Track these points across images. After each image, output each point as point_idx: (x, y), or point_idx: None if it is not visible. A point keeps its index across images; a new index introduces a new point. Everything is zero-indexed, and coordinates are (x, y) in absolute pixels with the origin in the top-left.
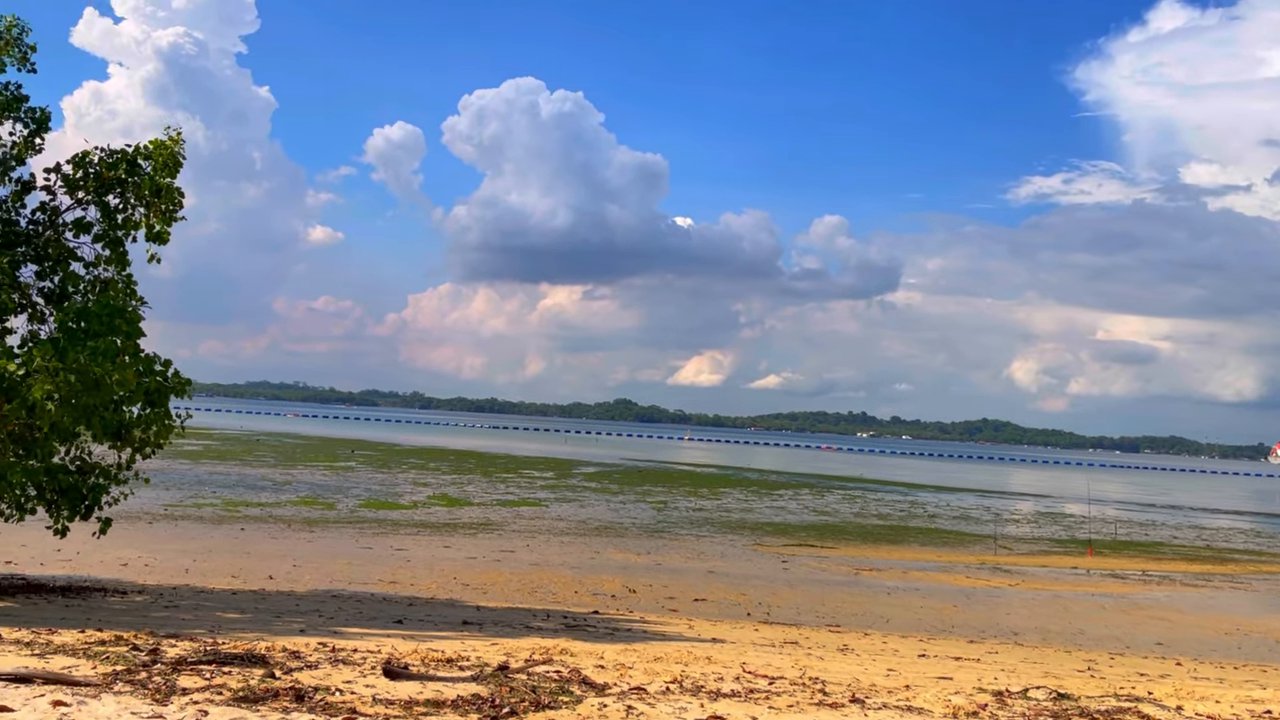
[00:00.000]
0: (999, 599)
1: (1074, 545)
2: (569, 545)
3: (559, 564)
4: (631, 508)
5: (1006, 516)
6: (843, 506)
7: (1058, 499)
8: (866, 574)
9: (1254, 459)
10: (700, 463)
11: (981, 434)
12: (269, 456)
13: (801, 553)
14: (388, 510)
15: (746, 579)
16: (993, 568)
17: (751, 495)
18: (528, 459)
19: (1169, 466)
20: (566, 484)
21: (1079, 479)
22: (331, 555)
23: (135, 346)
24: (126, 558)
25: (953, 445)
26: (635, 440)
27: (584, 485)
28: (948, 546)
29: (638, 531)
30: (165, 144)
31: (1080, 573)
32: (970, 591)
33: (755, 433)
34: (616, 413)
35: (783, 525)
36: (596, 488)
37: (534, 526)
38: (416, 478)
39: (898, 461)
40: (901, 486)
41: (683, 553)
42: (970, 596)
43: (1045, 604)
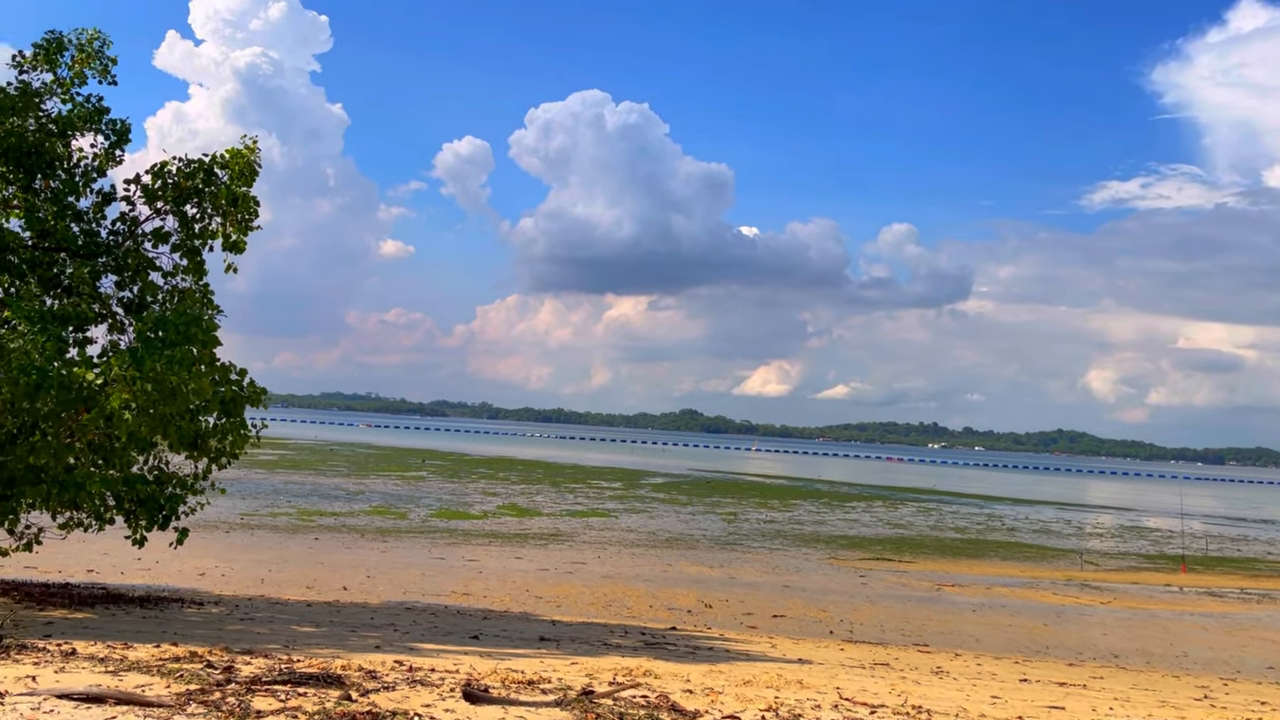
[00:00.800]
0: (1091, 618)
1: (1164, 561)
2: (640, 557)
3: (631, 576)
4: (701, 519)
5: (1089, 530)
6: (917, 519)
7: (1141, 512)
8: (948, 590)
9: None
10: (769, 474)
11: (1057, 445)
12: (342, 466)
13: (879, 567)
14: (459, 520)
15: (824, 594)
16: (1081, 584)
17: (823, 507)
18: (595, 469)
19: (1256, 479)
20: (635, 494)
21: (1163, 492)
22: (404, 566)
23: (211, 356)
24: (204, 567)
25: (1027, 456)
26: (702, 451)
27: (652, 496)
28: (1030, 561)
29: (709, 544)
30: (241, 153)
31: (1174, 590)
32: (1060, 609)
33: (824, 443)
34: (682, 423)
35: (857, 538)
36: (665, 498)
37: (604, 538)
38: (486, 487)
39: (970, 473)
40: (977, 499)
41: (757, 566)
42: (1060, 615)
43: (1142, 624)
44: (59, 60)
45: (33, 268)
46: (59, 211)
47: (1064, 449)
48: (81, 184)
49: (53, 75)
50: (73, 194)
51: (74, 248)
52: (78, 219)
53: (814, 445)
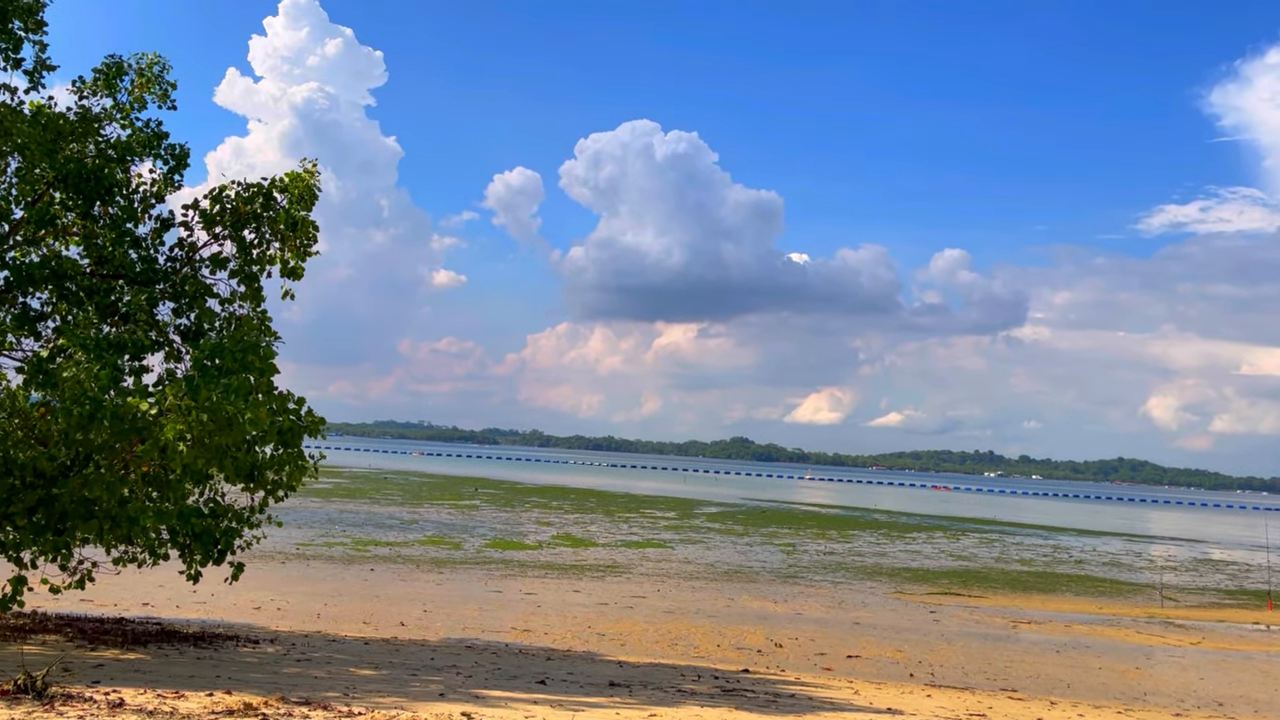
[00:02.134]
0: (1183, 660)
1: (1246, 597)
2: (701, 591)
3: (694, 612)
4: (759, 550)
5: (1162, 563)
6: (981, 550)
7: (1213, 544)
8: (1025, 627)
9: None
10: (823, 503)
11: (1117, 474)
12: (396, 495)
13: (948, 602)
14: (514, 550)
15: (897, 632)
16: (1164, 622)
17: (882, 538)
18: (648, 498)
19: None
20: (690, 524)
21: (1232, 523)
22: (462, 599)
23: (269, 384)
24: (259, 600)
25: (1087, 485)
26: (754, 479)
27: (707, 526)
28: (1105, 596)
29: (769, 576)
30: (301, 176)
31: (1264, 629)
32: (1149, 650)
33: (877, 472)
34: (733, 451)
35: (921, 571)
36: (720, 528)
37: (662, 569)
38: (540, 516)
39: (1029, 502)
40: (1040, 529)
41: (822, 601)
42: (1150, 656)
43: (1239, 667)
44: (119, 85)
45: (90, 295)
46: (117, 238)
47: (1125, 478)
48: (140, 210)
49: (112, 100)
50: (131, 220)
51: (131, 274)
52: (135, 245)
53: (867, 474)
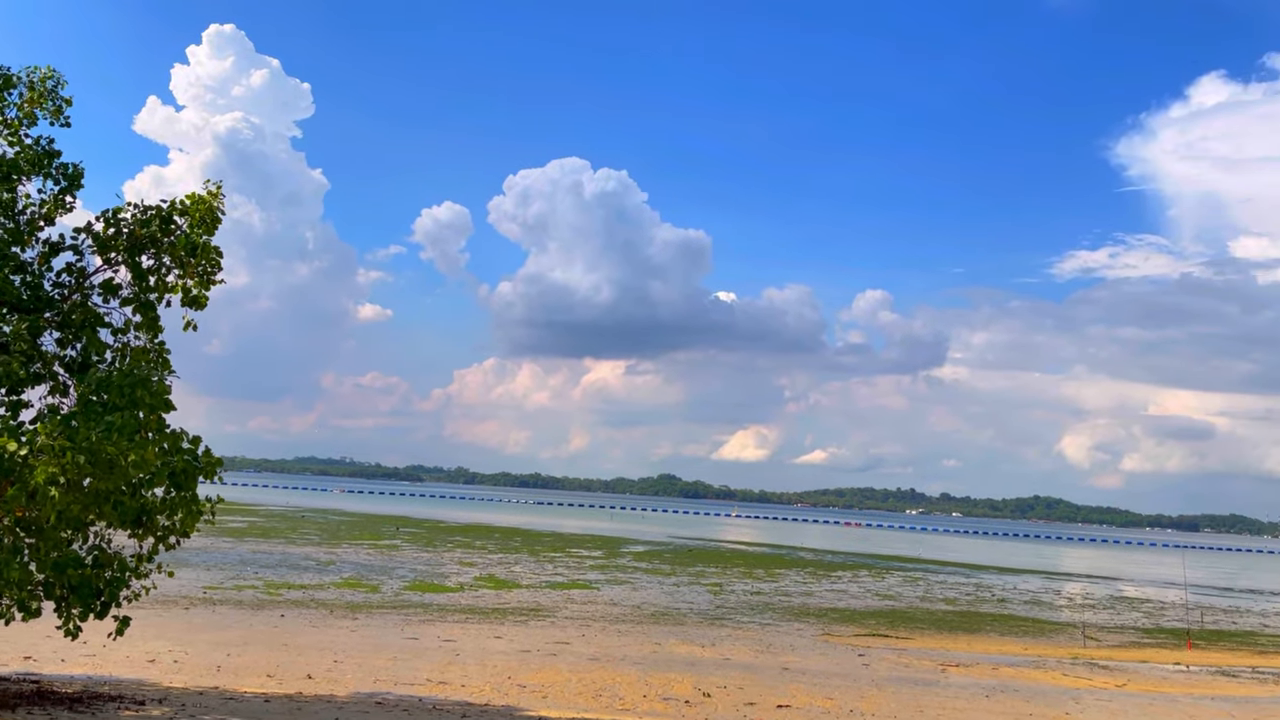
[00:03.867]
0: (1111, 704)
1: (1164, 635)
2: (627, 635)
3: (620, 659)
4: (686, 590)
5: (1081, 601)
6: (906, 589)
7: (1127, 581)
8: (954, 670)
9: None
10: (750, 541)
11: (1034, 511)
12: (314, 534)
13: (876, 644)
14: (434, 593)
15: (827, 678)
16: (1088, 663)
17: (809, 577)
18: (574, 536)
19: (1233, 547)
20: (616, 564)
21: (1144, 559)
22: (375, 648)
23: (160, 421)
24: (155, 651)
25: (1005, 523)
26: (681, 516)
27: (634, 565)
28: (1030, 637)
29: (697, 619)
30: (203, 199)
31: (1185, 670)
32: (1076, 694)
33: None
34: (660, 488)
35: (848, 611)
36: (647, 568)
37: (587, 612)
38: (462, 557)
39: (950, 540)
40: (962, 567)
41: (750, 645)
42: (1079, 701)
43: (1166, 711)
44: (7, 99)
45: None
46: None
47: (1041, 515)
48: (26, 232)
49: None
50: (16, 243)
51: (14, 301)
52: (20, 270)
53: (792, 511)
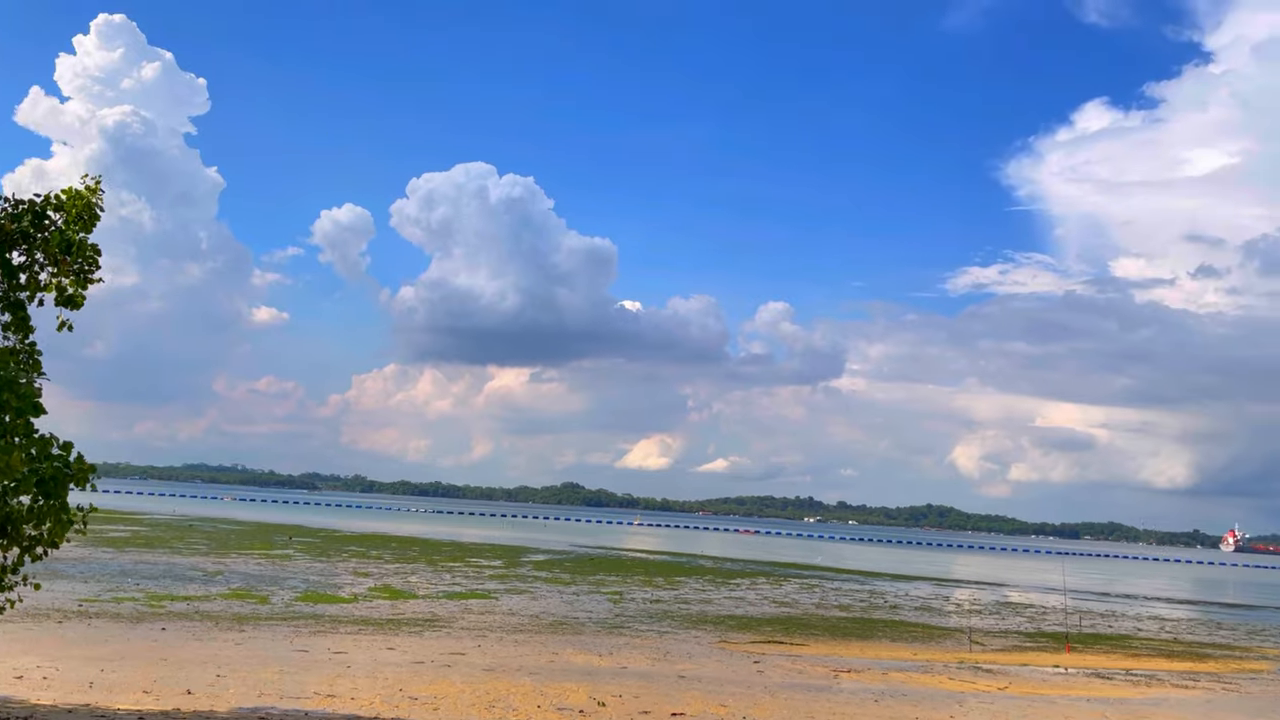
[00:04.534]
0: (993, 706)
1: (1045, 639)
2: (524, 645)
3: (516, 669)
4: (586, 600)
5: (968, 607)
6: (802, 597)
7: (1012, 587)
8: (846, 676)
9: (1189, 545)
10: (651, 549)
11: (926, 519)
12: (201, 544)
13: (771, 651)
14: (326, 604)
15: (722, 685)
16: (973, 667)
17: (708, 584)
18: (474, 546)
19: (1110, 553)
20: (516, 573)
21: (1029, 566)
22: (262, 661)
23: (27, 426)
24: (24, 667)
25: (899, 530)
26: (584, 525)
27: (534, 575)
28: (919, 642)
29: (595, 628)
30: (80, 193)
31: (1062, 672)
32: (960, 698)
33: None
34: (564, 496)
35: (746, 619)
36: (548, 577)
37: (484, 623)
38: (357, 567)
39: (847, 548)
40: (858, 575)
41: (647, 653)
42: (962, 704)
43: (1044, 712)
44: None
45: None
46: None
47: (933, 523)
48: None
49: None
50: None
51: None
52: None
53: (694, 519)
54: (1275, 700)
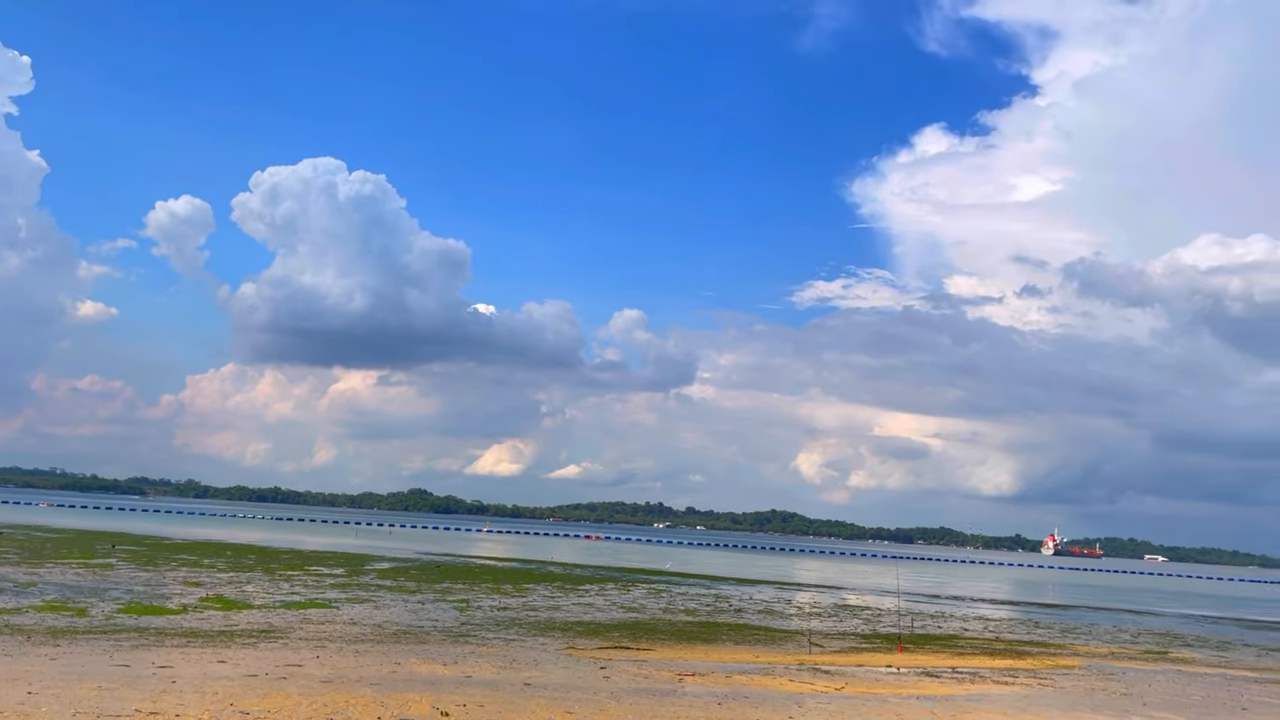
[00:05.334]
0: (829, 706)
1: (879, 640)
2: (365, 655)
3: (356, 680)
4: (431, 608)
5: (809, 610)
6: (650, 602)
7: (850, 590)
8: (690, 680)
9: (1012, 549)
10: (500, 556)
11: (771, 524)
12: (12, 552)
13: (618, 656)
14: (152, 616)
15: (568, 691)
16: (813, 669)
17: (557, 591)
18: (315, 553)
19: (941, 557)
20: (359, 582)
21: (866, 569)
22: (79, 677)
23: None
24: None
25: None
26: (431, 532)
27: (378, 583)
28: (761, 645)
29: (441, 636)
30: None
31: (895, 671)
32: (799, 699)
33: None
34: (411, 503)
35: (593, 625)
36: (392, 585)
37: (324, 633)
38: (188, 576)
39: (694, 553)
40: (704, 579)
41: (493, 661)
42: (801, 704)
43: (877, 710)
44: None
45: None
46: None
47: (777, 528)
48: None
49: None
50: None
51: None
52: None
53: (545, 525)
54: (1085, 694)
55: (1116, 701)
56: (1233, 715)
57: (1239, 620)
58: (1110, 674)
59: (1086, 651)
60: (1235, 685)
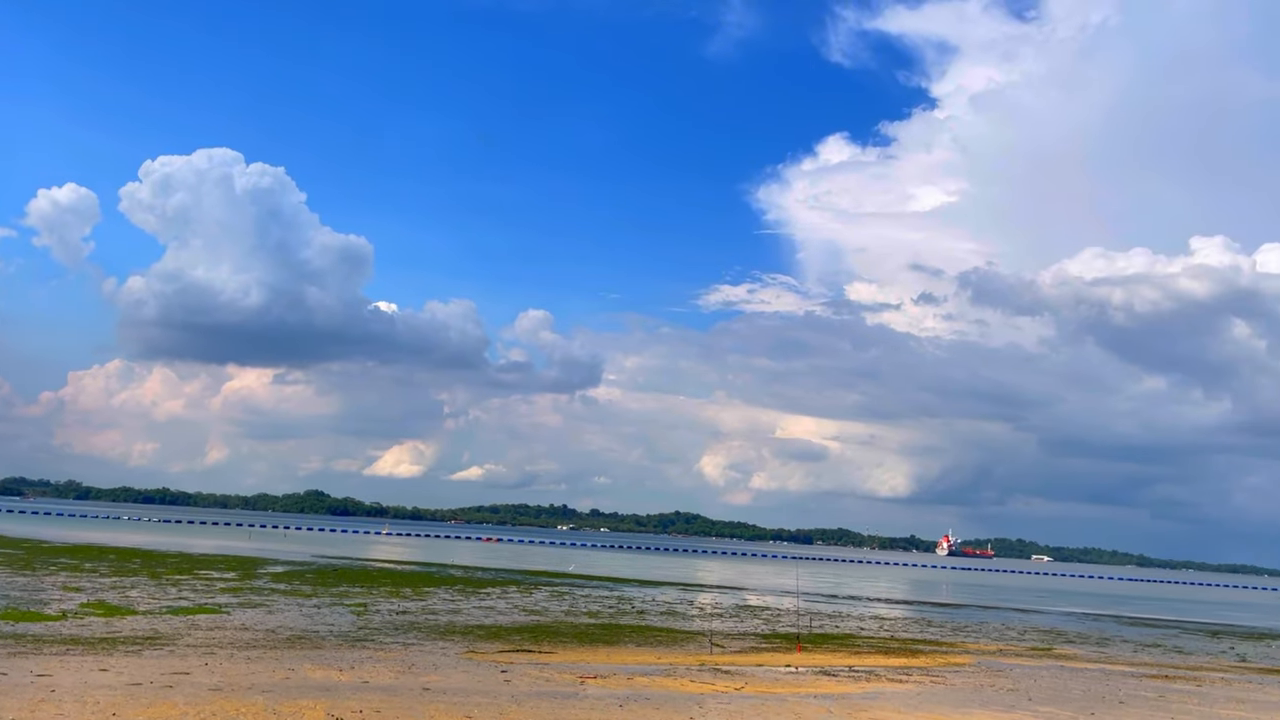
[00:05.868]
0: (729, 706)
1: (779, 640)
2: (257, 662)
3: (247, 688)
4: (327, 612)
5: (710, 611)
6: (552, 604)
7: (750, 590)
8: (592, 682)
9: (907, 550)
10: (400, 559)
11: (674, 526)
12: None
13: (519, 659)
14: (29, 623)
15: (468, 696)
16: (713, 669)
17: (458, 595)
18: (206, 557)
19: (839, 557)
20: (251, 586)
21: (767, 570)
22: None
23: None
24: None
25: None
26: (329, 535)
27: (272, 587)
28: (663, 646)
29: (337, 641)
30: None
31: (794, 671)
32: (700, 699)
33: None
34: (307, 505)
35: (495, 628)
36: (286, 590)
37: (213, 639)
38: (68, 581)
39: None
40: (607, 581)
41: (392, 666)
42: (702, 705)
43: (775, 709)
44: None
45: None
46: None
47: (681, 530)
48: None
49: None
50: None
51: None
52: None
53: (447, 528)
54: (975, 691)
55: (1004, 697)
56: (1111, 708)
57: (1117, 617)
58: (998, 670)
59: (976, 649)
60: (1114, 679)
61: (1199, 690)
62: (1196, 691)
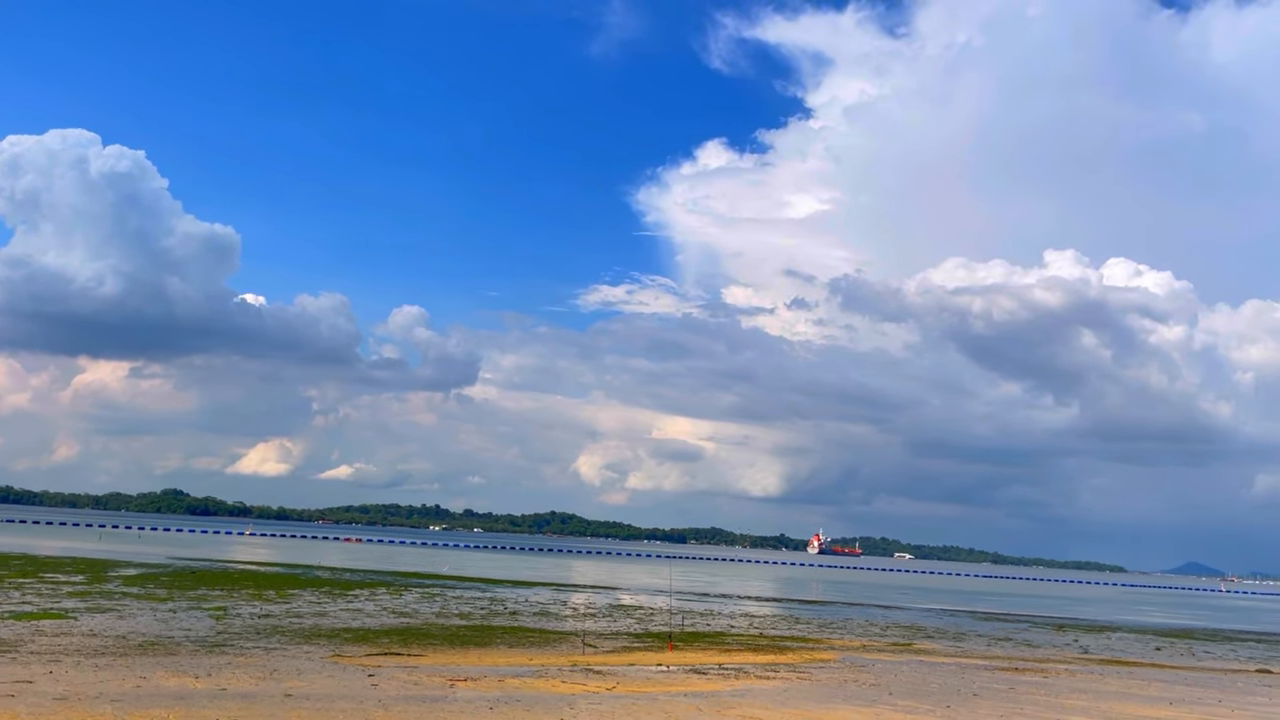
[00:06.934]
0: (600, 706)
1: (651, 639)
2: (107, 670)
3: (95, 696)
4: (184, 616)
5: (584, 611)
6: (423, 606)
7: (624, 590)
8: (462, 685)
9: (777, 548)
10: (264, 560)
11: (550, 526)
12: None
13: (388, 663)
14: None
15: (332, 701)
16: (585, 669)
17: (324, 596)
18: (52, 559)
19: (712, 556)
20: (102, 590)
21: (641, 569)
22: None
23: None
24: None
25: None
26: (187, 535)
27: (124, 591)
28: (535, 647)
29: (193, 647)
30: None
31: (665, 670)
32: (572, 700)
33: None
34: (164, 504)
35: (362, 630)
36: (140, 593)
37: (59, 645)
38: None
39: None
40: (480, 582)
41: (252, 672)
42: (573, 705)
43: (646, 708)
44: None
45: None
46: None
47: (556, 530)
48: None
49: None
50: None
51: None
52: None
53: (314, 528)
54: (839, 686)
55: (866, 692)
56: (965, 701)
57: (973, 613)
58: (861, 666)
59: (841, 645)
60: (969, 673)
61: (1045, 681)
62: (1043, 683)
